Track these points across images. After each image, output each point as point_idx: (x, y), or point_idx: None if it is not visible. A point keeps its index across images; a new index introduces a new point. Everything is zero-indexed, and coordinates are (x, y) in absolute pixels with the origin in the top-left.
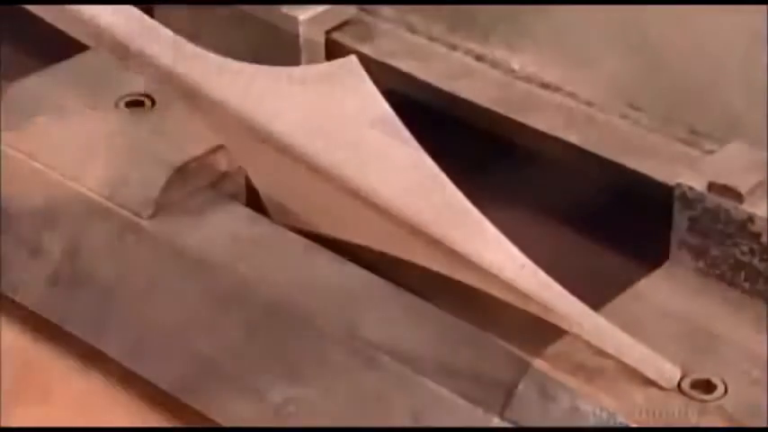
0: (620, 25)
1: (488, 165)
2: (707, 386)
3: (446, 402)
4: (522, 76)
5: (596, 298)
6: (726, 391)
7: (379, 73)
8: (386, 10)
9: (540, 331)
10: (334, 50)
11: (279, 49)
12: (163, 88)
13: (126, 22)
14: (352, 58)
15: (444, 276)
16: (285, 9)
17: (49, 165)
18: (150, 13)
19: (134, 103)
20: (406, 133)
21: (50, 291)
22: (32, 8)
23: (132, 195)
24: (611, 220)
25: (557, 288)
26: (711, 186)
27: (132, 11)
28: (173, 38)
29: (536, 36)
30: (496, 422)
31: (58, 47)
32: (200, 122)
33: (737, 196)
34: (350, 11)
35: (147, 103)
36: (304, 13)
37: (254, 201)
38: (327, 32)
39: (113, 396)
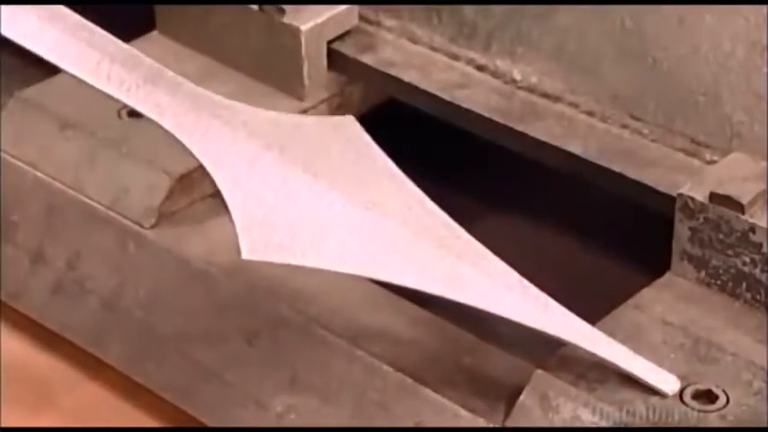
0: (621, 36)
1: (489, 174)
2: (708, 396)
3: (447, 412)
4: (524, 86)
5: (597, 308)
6: (727, 401)
7: (381, 83)
8: (387, 20)
9: (541, 341)
10: (335, 60)
11: (280, 59)
12: None
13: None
14: (349, 119)
15: None
16: (287, 19)
17: (50, 174)
18: (151, 14)
19: (136, 113)
20: (407, 180)
21: (52, 299)
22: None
23: (134, 204)
24: (612, 230)
25: (553, 306)
26: (713, 197)
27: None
28: (172, 77)
29: (537, 46)
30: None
31: None
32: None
33: (739, 207)
34: (352, 21)
35: None
36: (306, 24)
37: None
38: (329, 42)
39: (115, 405)
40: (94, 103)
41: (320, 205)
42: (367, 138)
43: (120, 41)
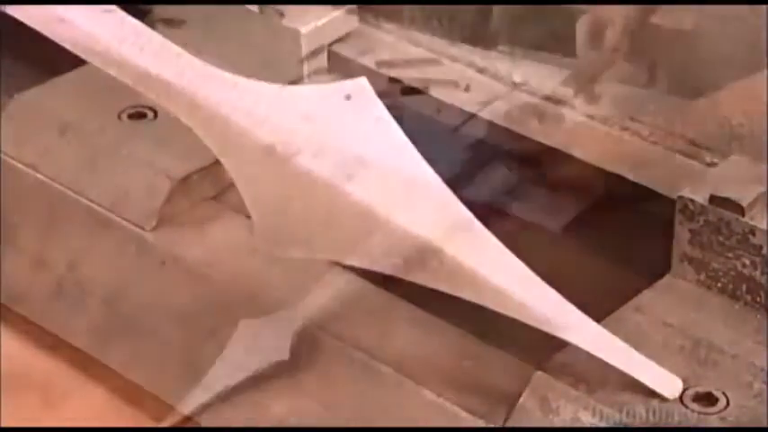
0: (621, 37)
1: (489, 177)
2: (709, 399)
3: (448, 414)
4: (524, 88)
5: (598, 310)
6: (728, 403)
7: (381, 85)
8: (387, 23)
9: (541, 342)
10: (335, 62)
11: (281, 61)
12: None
13: (129, 38)
14: (362, 81)
15: None
16: (287, 21)
17: (51, 176)
18: (152, 15)
19: (136, 115)
20: (416, 153)
21: (53, 302)
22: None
23: (135, 207)
24: (612, 232)
25: (559, 299)
26: (713, 199)
27: (137, 25)
28: (180, 53)
29: (538, 49)
30: None
31: (60, 59)
32: (200, 138)
33: (739, 209)
34: (352, 23)
35: (150, 114)
36: (306, 26)
37: None
38: (329, 45)
39: (115, 408)
40: (95, 106)
41: (329, 198)
42: (379, 105)
43: (129, 17)
